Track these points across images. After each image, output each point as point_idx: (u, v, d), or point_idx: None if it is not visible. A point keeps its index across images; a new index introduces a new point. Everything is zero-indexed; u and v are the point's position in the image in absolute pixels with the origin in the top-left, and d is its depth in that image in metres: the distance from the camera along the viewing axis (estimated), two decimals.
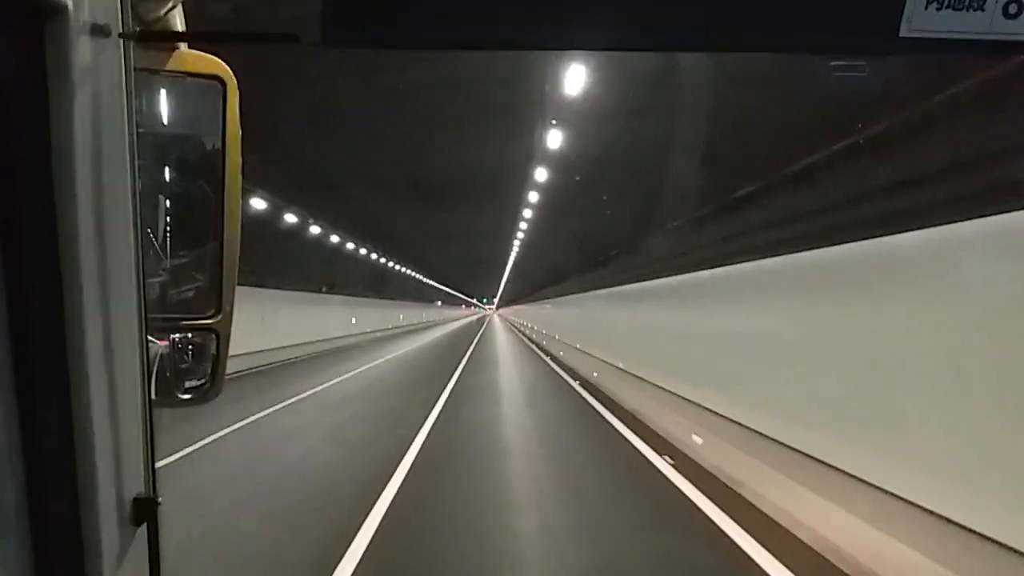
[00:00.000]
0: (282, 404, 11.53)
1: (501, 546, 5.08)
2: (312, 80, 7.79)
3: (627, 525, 5.64)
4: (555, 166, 11.60)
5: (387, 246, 28.88)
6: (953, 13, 0.88)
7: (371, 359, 21.61)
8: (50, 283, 0.82)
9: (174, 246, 1.17)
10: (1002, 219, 3.65)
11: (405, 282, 40.55)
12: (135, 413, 0.97)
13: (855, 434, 4.95)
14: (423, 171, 14.02)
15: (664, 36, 0.95)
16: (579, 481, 7.05)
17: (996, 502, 3.68)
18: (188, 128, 1.19)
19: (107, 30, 0.88)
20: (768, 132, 6.30)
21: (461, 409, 11.49)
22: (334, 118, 9.57)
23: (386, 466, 7.09)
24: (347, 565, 4.54)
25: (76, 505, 0.86)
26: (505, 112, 9.09)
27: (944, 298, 4.21)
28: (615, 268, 14.73)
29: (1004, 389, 3.66)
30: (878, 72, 3.59)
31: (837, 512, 4.93)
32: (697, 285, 9.00)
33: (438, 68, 7.12)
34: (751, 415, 6.70)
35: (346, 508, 5.74)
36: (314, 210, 17.34)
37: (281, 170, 12.57)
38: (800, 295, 6.11)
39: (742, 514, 5.60)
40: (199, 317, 1.15)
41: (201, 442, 8.14)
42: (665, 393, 9.83)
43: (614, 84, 7.21)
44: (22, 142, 0.79)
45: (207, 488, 6.41)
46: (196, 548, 4.77)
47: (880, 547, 4.38)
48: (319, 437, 9.13)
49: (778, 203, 6.73)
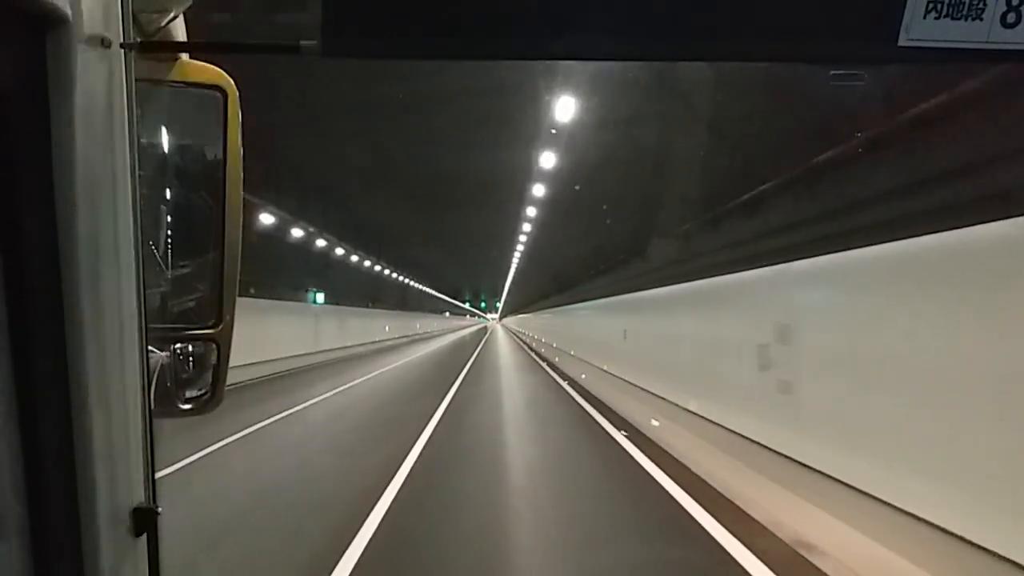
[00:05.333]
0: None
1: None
2: (316, 91, 7.82)
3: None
4: (556, 176, 11.65)
5: (392, 257, 30.21)
6: (952, 22, 0.89)
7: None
8: (51, 293, 0.82)
9: (175, 256, 1.17)
10: (1003, 225, 3.65)
11: (418, 297, 47.97)
12: (135, 423, 0.96)
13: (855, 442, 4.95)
14: (428, 179, 14.12)
15: (663, 46, 0.95)
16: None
17: (964, 497, 3.71)
18: (189, 138, 1.19)
19: (108, 41, 0.88)
20: (766, 141, 6.33)
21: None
22: (337, 127, 9.61)
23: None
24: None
25: (76, 515, 0.85)
26: (507, 120, 9.13)
27: (943, 303, 4.21)
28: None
29: (997, 395, 3.66)
30: (877, 81, 3.61)
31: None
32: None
33: (440, 78, 7.15)
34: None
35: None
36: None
37: (289, 182, 12.92)
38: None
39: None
40: (200, 327, 1.15)
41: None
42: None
43: (615, 93, 7.24)
44: (23, 152, 0.79)
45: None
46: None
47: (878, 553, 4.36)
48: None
49: (780, 210, 6.75)
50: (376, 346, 34.50)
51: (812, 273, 5.89)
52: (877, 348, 4.86)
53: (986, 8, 0.88)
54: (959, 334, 4.05)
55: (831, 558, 4.59)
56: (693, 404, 8.88)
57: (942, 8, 0.88)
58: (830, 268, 5.53)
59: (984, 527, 3.67)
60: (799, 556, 4.77)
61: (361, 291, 31.66)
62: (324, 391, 15.32)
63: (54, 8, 0.77)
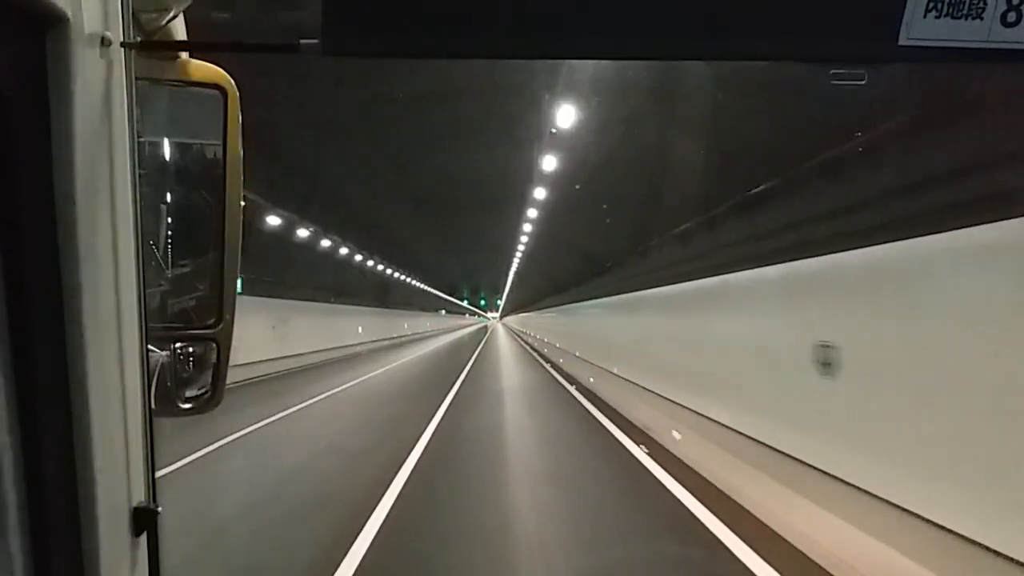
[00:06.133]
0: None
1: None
2: (316, 90, 7.82)
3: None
4: (555, 178, 11.64)
5: (394, 256, 29.24)
6: (952, 21, 0.89)
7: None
8: (51, 292, 0.82)
9: (175, 255, 1.17)
10: (1001, 226, 3.66)
11: (406, 292, 43.22)
12: (135, 422, 0.96)
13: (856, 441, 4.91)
14: (428, 180, 14.08)
15: (662, 44, 0.95)
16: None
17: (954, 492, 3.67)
18: (189, 137, 1.19)
19: (108, 39, 0.88)
20: (769, 140, 6.32)
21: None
22: (337, 127, 9.61)
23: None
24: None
25: (76, 514, 0.85)
26: (509, 120, 9.12)
27: (942, 305, 4.21)
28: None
29: (994, 397, 3.66)
30: (877, 80, 3.61)
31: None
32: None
33: (440, 78, 7.15)
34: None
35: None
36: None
37: (300, 186, 12.70)
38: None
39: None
40: (200, 327, 1.15)
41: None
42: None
43: (618, 92, 7.24)
44: (23, 151, 0.79)
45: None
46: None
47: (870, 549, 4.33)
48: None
49: (779, 210, 6.74)
50: (345, 351, 27.47)
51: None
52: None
53: (986, 7, 0.88)
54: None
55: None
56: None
57: (942, 7, 0.88)
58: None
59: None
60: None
61: (321, 280, 23.18)
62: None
63: (54, 7, 0.77)
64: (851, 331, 5.17)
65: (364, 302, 31.11)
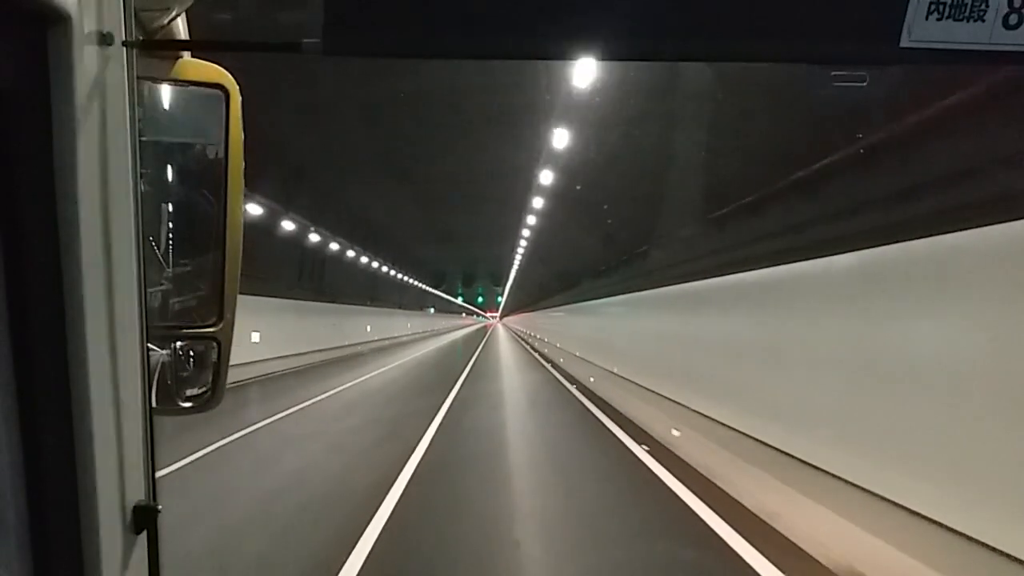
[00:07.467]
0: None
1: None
2: (318, 89, 7.81)
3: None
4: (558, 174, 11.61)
5: (391, 256, 28.77)
6: (953, 23, 0.89)
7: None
8: (52, 290, 0.82)
9: (176, 254, 1.17)
10: (1001, 228, 3.66)
11: (396, 289, 40.08)
12: (136, 421, 0.96)
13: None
14: (430, 177, 13.98)
15: (665, 46, 0.95)
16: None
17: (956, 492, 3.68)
18: (191, 136, 1.19)
19: (110, 38, 0.88)
20: (772, 143, 6.32)
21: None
22: (337, 127, 9.60)
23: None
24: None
25: (76, 512, 0.85)
26: (511, 116, 9.10)
27: (942, 307, 4.21)
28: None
29: (991, 398, 3.66)
30: (878, 82, 3.60)
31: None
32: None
33: (441, 75, 7.15)
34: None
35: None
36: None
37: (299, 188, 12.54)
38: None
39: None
40: (201, 325, 1.15)
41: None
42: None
43: (618, 91, 7.23)
44: (25, 150, 0.79)
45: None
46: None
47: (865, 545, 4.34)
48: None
49: (781, 214, 6.74)
50: (321, 356, 22.94)
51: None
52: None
53: (988, 10, 0.88)
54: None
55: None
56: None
57: (944, 10, 0.88)
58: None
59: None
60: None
61: (288, 272, 19.28)
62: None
63: (56, 6, 0.77)
64: (851, 330, 5.19)
65: (349, 299, 26.91)
